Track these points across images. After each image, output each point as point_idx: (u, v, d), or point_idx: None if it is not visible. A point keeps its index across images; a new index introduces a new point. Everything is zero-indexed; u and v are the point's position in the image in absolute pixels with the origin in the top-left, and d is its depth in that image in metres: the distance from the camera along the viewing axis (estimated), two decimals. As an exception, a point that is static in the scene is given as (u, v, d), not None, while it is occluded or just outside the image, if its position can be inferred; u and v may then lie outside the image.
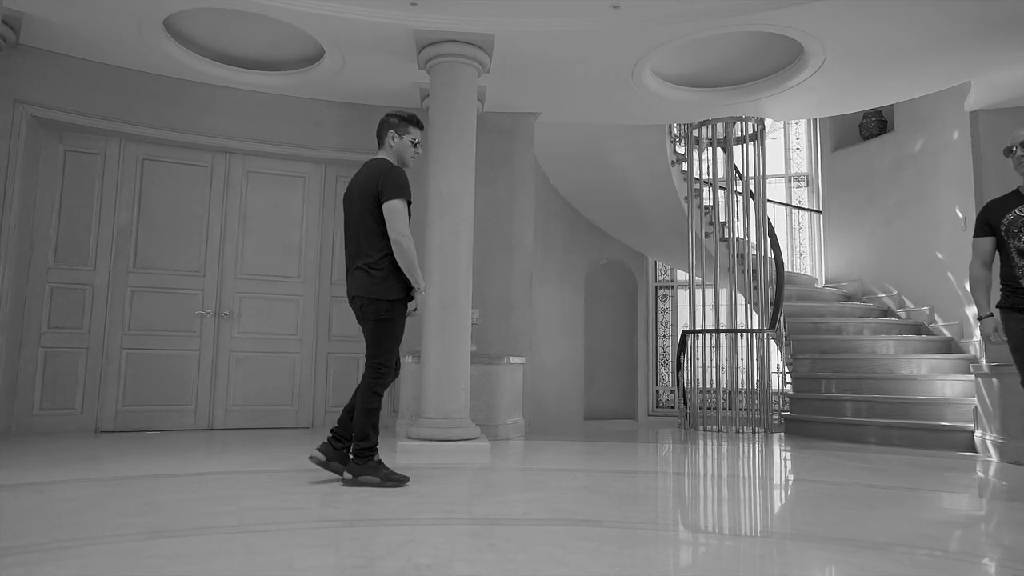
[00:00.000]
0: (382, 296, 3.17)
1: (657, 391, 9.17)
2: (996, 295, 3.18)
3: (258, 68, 5.70)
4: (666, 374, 9.18)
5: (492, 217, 6.08)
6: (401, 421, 5.39)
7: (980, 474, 4.09)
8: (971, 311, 6.43)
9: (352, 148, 6.01)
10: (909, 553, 2.21)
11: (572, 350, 8.33)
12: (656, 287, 9.44)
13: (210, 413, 5.71)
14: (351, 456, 3.19)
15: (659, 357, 9.29)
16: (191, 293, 5.74)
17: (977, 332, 5.67)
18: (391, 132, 3.33)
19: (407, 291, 3.23)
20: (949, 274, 6.86)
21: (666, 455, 5.04)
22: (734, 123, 6.77)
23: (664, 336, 9.34)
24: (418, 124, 3.37)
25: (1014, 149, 3.04)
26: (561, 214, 8.25)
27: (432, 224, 4.75)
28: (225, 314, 5.80)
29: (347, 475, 3.16)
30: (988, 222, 3.15)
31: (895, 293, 7.72)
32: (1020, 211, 3.03)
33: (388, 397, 6.04)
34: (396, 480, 3.16)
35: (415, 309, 3.31)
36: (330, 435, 3.27)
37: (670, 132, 7.39)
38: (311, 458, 3.24)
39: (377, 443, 3.20)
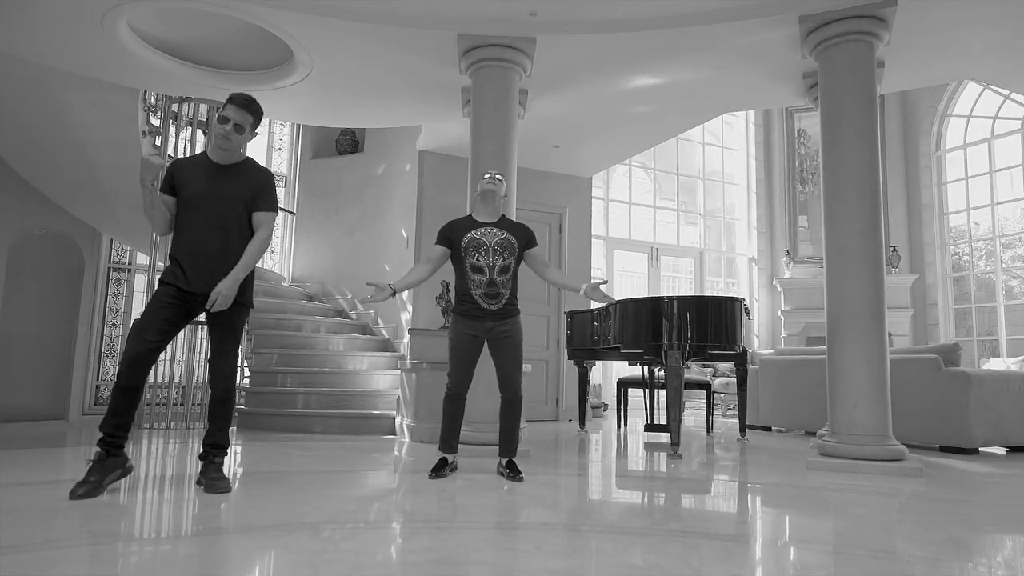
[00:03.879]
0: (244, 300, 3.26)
1: (98, 386, 8.06)
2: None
3: None
4: (111, 367, 8.16)
5: None
6: None
7: (396, 453, 4.88)
8: (405, 316, 7.66)
9: None
10: (338, 528, 2.47)
11: (-20, 337, 6.66)
12: (110, 268, 8.33)
13: None
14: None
15: (105, 348, 8.20)
16: None
17: (407, 334, 6.76)
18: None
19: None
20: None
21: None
22: (218, 107, 6.53)
23: (114, 324, 8.30)
24: (231, 100, 3.14)
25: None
26: (-16, 165, 6.54)
27: None
28: None
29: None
30: (448, 237, 3.72)
31: (349, 296, 8.62)
32: (475, 234, 3.69)
33: None
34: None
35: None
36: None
37: (145, 100, 6.67)
38: (198, 484, 3.20)
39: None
